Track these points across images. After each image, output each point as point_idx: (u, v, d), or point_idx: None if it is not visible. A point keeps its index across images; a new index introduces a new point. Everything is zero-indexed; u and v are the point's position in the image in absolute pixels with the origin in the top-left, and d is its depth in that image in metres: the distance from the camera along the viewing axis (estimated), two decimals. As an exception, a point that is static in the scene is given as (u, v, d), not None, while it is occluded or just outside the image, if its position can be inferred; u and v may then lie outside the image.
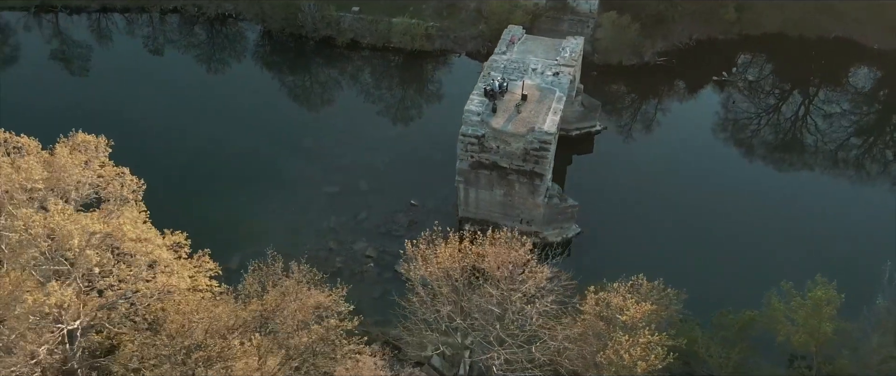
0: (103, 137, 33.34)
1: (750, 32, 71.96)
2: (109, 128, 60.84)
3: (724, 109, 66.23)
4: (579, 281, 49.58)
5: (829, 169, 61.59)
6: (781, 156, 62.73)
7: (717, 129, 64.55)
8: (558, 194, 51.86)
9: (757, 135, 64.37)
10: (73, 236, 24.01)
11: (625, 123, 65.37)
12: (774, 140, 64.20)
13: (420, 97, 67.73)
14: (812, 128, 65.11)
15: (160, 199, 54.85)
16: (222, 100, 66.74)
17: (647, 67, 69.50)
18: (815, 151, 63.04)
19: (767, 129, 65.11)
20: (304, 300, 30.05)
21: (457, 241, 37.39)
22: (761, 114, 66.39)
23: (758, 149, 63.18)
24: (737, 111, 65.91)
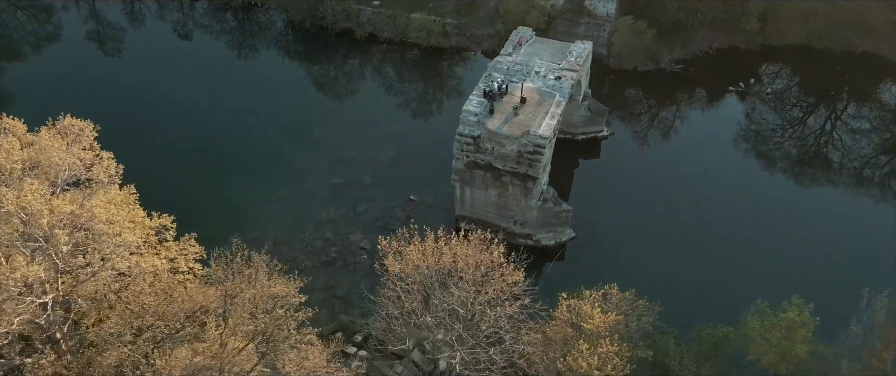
0: (89, 122, 34.91)
1: (773, 43, 70.44)
2: (132, 109, 64.89)
3: (742, 120, 64.94)
4: (569, 285, 50.32)
5: (847, 187, 60.06)
6: (797, 171, 61.50)
7: (731, 141, 63.26)
8: (553, 198, 52.02)
9: (774, 148, 63.02)
10: (43, 215, 25.58)
11: (635, 130, 64.91)
12: (790, 154, 62.87)
13: (432, 94, 68.39)
14: (837, 143, 63.40)
15: (171, 179, 57.84)
16: (242, 87, 68.50)
17: (663, 74, 68.75)
18: (835, 167, 61.52)
19: (785, 143, 63.71)
20: (262, 289, 31.06)
21: (432, 239, 38.12)
22: (780, 127, 64.99)
23: (773, 163, 61.99)
24: (758, 123, 64.51)
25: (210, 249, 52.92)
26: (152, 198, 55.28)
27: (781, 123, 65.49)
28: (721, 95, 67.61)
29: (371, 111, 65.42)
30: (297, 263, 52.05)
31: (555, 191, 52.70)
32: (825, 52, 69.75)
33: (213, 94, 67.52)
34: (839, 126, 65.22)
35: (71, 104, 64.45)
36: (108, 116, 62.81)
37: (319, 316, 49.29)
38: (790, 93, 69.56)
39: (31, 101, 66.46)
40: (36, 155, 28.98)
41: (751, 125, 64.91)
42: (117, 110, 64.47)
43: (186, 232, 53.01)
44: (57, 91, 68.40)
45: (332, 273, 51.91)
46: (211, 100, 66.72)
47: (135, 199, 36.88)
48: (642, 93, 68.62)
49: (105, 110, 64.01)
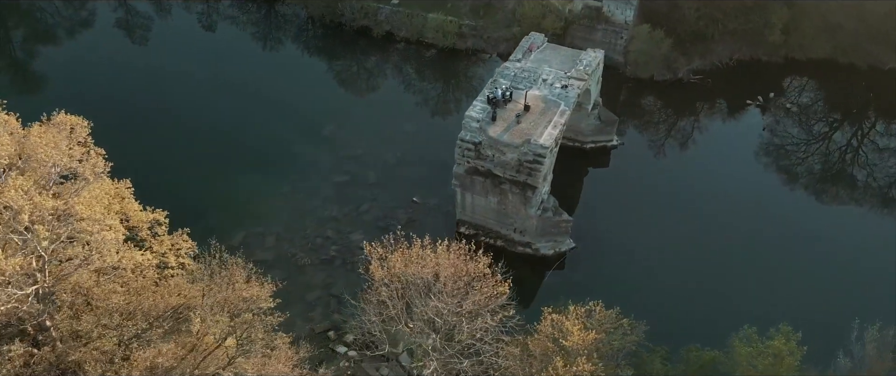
0: (82, 118, 35.77)
1: (796, 56, 68.74)
2: (150, 98, 66.19)
3: (760, 135, 63.33)
4: (561, 297, 49.99)
5: (871, 207, 58.26)
6: (817, 188, 60.04)
7: (748, 156, 61.73)
8: (553, 207, 51.68)
9: (793, 165, 61.44)
10: (24, 210, 26.40)
11: (647, 140, 63.98)
12: (810, 172, 61.28)
13: (445, 95, 68.35)
14: (862, 161, 61.80)
15: (181, 170, 58.98)
16: (260, 80, 69.08)
17: (680, 84, 67.61)
18: (859, 187, 59.86)
19: (805, 160, 62.13)
20: (236, 292, 31.46)
21: (418, 246, 38.23)
22: (800, 143, 63.29)
23: (790, 181, 60.51)
24: (777, 138, 62.95)
25: (212, 242, 54.62)
26: (160, 188, 56.50)
27: (802, 139, 63.79)
28: (739, 109, 66.21)
29: (383, 110, 65.68)
30: (296, 260, 53.12)
31: (555, 200, 52.33)
32: (850, 68, 67.88)
33: (230, 86, 68.35)
34: (866, 144, 63.32)
35: (90, 92, 67.25)
36: (123, 106, 65.27)
37: (314, 314, 50.31)
38: (813, 108, 67.83)
39: (51, 87, 68.54)
40: (25, 150, 29.83)
41: (769, 140, 63.37)
42: (134, 99, 66.08)
43: (192, 223, 54.75)
44: (79, 77, 70.20)
45: (331, 271, 52.32)
46: (228, 92, 67.59)
47: (130, 193, 37.61)
48: (658, 103, 67.57)
49: (122, 99, 66.25)
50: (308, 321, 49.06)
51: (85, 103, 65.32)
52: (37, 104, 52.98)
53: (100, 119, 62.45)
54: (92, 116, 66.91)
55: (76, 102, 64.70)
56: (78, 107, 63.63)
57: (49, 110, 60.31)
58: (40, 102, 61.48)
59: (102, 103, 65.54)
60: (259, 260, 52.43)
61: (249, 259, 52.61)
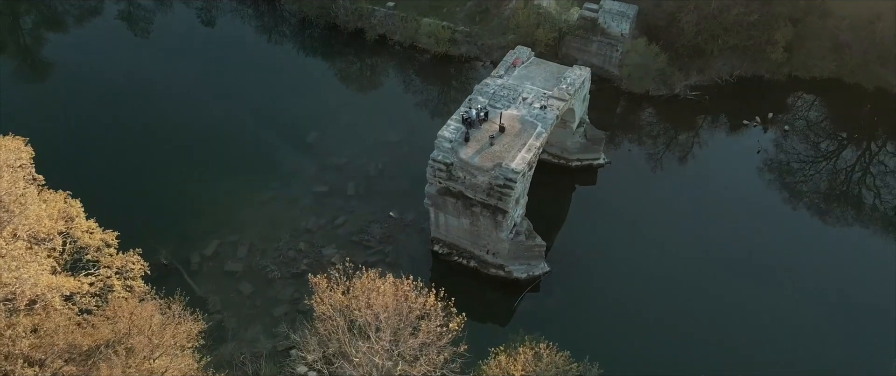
0: (22, 141, 35.65)
1: (800, 75, 66.08)
2: (135, 97, 66.09)
3: (756, 157, 60.73)
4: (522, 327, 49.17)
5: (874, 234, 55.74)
6: (817, 218, 57.01)
7: (741, 178, 59.10)
8: (527, 231, 50.50)
9: (791, 190, 58.76)
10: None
11: (637, 158, 61.93)
12: (809, 198, 58.34)
13: (431, 104, 67.13)
14: (869, 184, 59.07)
15: (160, 173, 58.90)
16: (249, 82, 68.47)
17: (676, 100, 65.49)
18: (865, 211, 57.33)
19: (804, 184, 59.45)
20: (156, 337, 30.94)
21: (368, 278, 37.53)
22: (800, 166, 60.53)
23: (788, 207, 57.58)
24: (775, 161, 60.52)
25: (188, 248, 54.51)
26: (140, 191, 57.32)
27: (802, 163, 61.02)
28: (736, 128, 63.91)
29: (370, 117, 64.75)
30: (267, 272, 52.86)
31: (529, 224, 51.14)
32: (856, 88, 65.04)
33: (220, 86, 67.96)
34: (874, 166, 60.48)
35: (73, 90, 67.20)
36: (108, 104, 65.34)
37: (279, 330, 49.93)
38: (815, 129, 65.06)
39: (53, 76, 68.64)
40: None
41: (766, 163, 60.70)
42: (120, 98, 65.91)
43: (169, 229, 55.08)
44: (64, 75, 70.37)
45: (300, 286, 51.74)
46: (218, 92, 67.22)
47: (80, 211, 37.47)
48: (652, 119, 65.57)
49: (106, 97, 66.15)
50: (272, 337, 48.79)
51: (67, 102, 66.27)
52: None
53: (82, 117, 64.01)
54: (74, 115, 67.02)
55: (55, 102, 65.82)
56: (57, 108, 64.96)
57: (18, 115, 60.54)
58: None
59: (85, 101, 66.02)
60: (229, 271, 53.11)
61: (220, 268, 53.72)
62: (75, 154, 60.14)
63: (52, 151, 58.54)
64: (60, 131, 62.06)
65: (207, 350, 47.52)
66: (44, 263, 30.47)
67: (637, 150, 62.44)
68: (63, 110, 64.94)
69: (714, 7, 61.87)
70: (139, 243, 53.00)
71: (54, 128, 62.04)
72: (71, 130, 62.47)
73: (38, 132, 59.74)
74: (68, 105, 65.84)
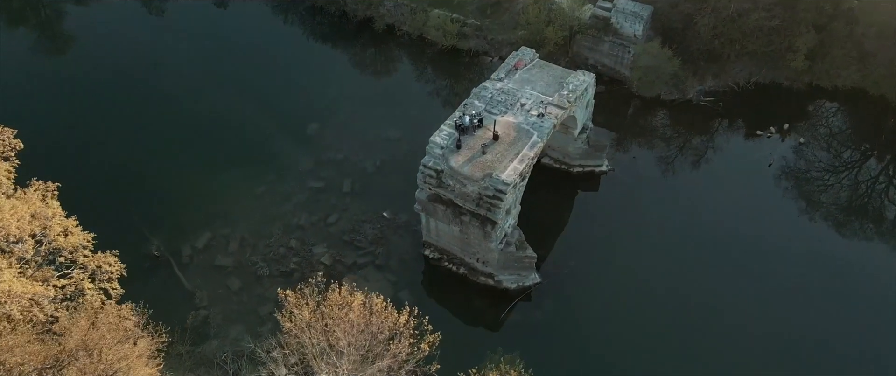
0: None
1: (821, 84, 63.02)
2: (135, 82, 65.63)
3: (771, 169, 58.17)
4: (513, 338, 48.25)
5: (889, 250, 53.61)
6: (832, 235, 54.62)
7: (752, 191, 56.62)
8: (517, 242, 49.30)
9: (805, 204, 56.36)
10: None
11: (643, 165, 59.68)
12: (825, 214, 56.01)
13: (436, 100, 65.62)
14: (893, 198, 56.54)
15: (157, 162, 58.72)
16: (254, 69, 67.64)
17: (689, 106, 63.12)
18: (886, 226, 55.15)
19: (820, 198, 56.89)
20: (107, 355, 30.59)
21: (338, 296, 36.86)
22: (816, 180, 58.00)
23: (799, 223, 55.15)
24: (792, 173, 58.01)
25: (181, 240, 54.42)
26: (135, 179, 57.22)
27: (818, 177, 58.28)
28: (750, 138, 61.36)
29: (371, 111, 63.65)
30: (256, 269, 52.60)
31: (521, 234, 49.88)
32: (880, 100, 61.82)
33: (225, 70, 67.26)
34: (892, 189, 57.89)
35: (74, 72, 66.70)
36: (107, 89, 64.85)
37: (263, 329, 49.69)
38: (834, 140, 62.17)
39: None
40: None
41: (779, 177, 58.01)
42: (119, 82, 65.35)
43: (163, 219, 55.03)
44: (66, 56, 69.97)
45: (288, 284, 50.85)
46: (220, 78, 66.55)
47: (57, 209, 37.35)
48: (662, 124, 63.27)
49: (107, 81, 65.52)
50: (255, 337, 48.56)
51: (67, 83, 65.77)
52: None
53: (82, 101, 63.68)
54: (74, 98, 66.27)
55: (55, 83, 65.48)
56: (56, 89, 64.68)
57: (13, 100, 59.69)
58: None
59: (85, 84, 65.55)
60: (219, 265, 52.98)
61: (211, 262, 53.54)
62: (72, 139, 60.08)
63: (49, 136, 59.13)
64: (58, 115, 62.02)
65: (191, 345, 48.12)
66: (4, 270, 30.25)
67: (643, 158, 60.33)
68: (62, 93, 64.55)
69: (733, 10, 59.05)
70: (133, 232, 54.04)
71: (52, 112, 62.16)
72: (69, 114, 62.25)
73: (35, 115, 60.81)
74: (68, 87, 65.28)
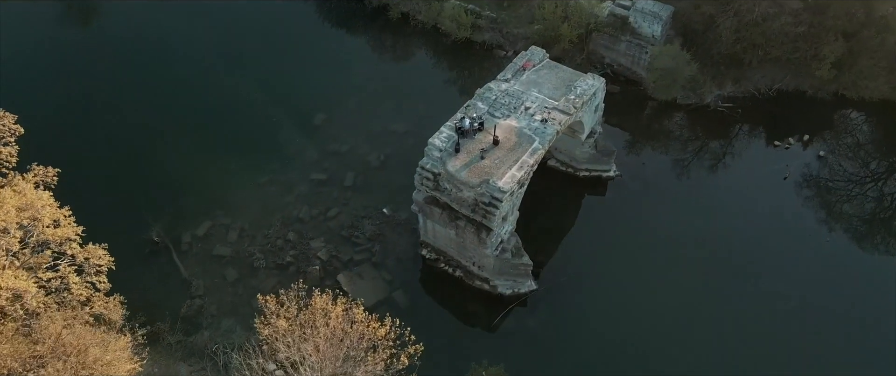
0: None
1: (848, 94, 60.33)
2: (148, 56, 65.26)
3: (786, 183, 56.13)
4: (503, 346, 47.63)
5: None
6: (851, 254, 52.48)
7: (766, 205, 54.50)
8: (514, 248, 48.42)
9: (818, 221, 54.15)
10: None
11: (654, 172, 57.70)
12: (844, 231, 53.88)
13: (446, 94, 64.28)
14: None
15: (161, 145, 58.72)
16: (265, 54, 66.85)
17: (706, 111, 61.04)
18: None
19: (840, 215, 54.75)
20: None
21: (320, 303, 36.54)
22: (836, 194, 55.81)
23: (810, 242, 52.94)
24: (812, 189, 55.84)
25: (181, 226, 54.62)
26: (139, 163, 57.41)
27: (838, 191, 56.07)
28: (765, 149, 59.22)
29: (379, 102, 62.80)
30: (253, 260, 52.58)
31: (518, 241, 48.94)
32: (911, 115, 59.19)
33: (235, 54, 66.55)
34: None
35: (79, 50, 66.19)
36: (116, 69, 64.55)
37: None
38: (862, 151, 59.39)
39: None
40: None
41: (795, 191, 55.91)
42: (127, 63, 64.84)
43: (164, 205, 55.23)
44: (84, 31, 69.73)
45: (283, 278, 51.31)
46: (231, 60, 65.97)
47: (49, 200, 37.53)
48: (676, 128, 61.36)
49: (115, 61, 65.08)
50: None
51: (74, 63, 65.43)
52: None
53: (89, 81, 63.41)
54: (81, 77, 65.32)
55: (62, 61, 65.27)
56: (64, 67, 64.44)
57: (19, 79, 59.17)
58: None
59: (92, 63, 65.00)
60: (217, 254, 53.11)
61: (209, 251, 53.68)
62: (79, 121, 60.00)
63: (55, 117, 59.41)
64: (67, 96, 61.92)
65: (183, 334, 48.51)
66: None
67: (653, 164, 58.57)
68: (70, 74, 64.08)
69: (757, 14, 56.61)
70: (135, 216, 54.36)
71: (58, 91, 61.98)
72: (78, 95, 62.17)
73: (41, 97, 60.79)
74: (76, 68, 64.72)
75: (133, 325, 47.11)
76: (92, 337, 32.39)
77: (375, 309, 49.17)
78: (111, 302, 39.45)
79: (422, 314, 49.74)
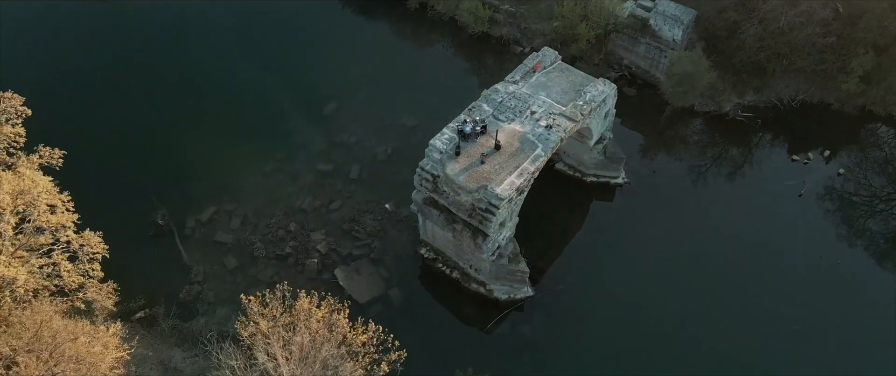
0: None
1: (875, 110, 57.91)
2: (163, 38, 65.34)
3: (798, 199, 54.79)
4: (492, 354, 47.26)
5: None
6: (866, 272, 50.85)
7: (780, 221, 52.86)
8: (511, 254, 47.82)
9: (832, 241, 52.41)
10: None
11: (661, 182, 56.25)
12: (862, 251, 52.16)
13: (458, 89, 63.32)
14: None
15: (171, 129, 58.98)
16: (279, 39, 66.65)
17: (724, 120, 59.25)
18: None
19: (858, 234, 53.04)
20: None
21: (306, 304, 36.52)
22: (855, 214, 53.94)
23: (821, 263, 51.26)
24: (829, 206, 54.19)
25: (186, 210, 55.06)
26: (148, 145, 57.82)
27: (871, 201, 54.37)
28: (783, 163, 57.31)
29: (391, 94, 62.25)
30: (253, 249, 52.86)
31: (516, 246, 48.32)
32: (940, 135, 56.66)
33: (249, 39, 66.52)
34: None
35: (91, 33, 66.12)
36: (127, 50, 64.63)
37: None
38: (891, 166, 57.04)
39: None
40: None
41: (809, 209, 54.11)
42: (142, 45, 64.90)
43: (171, 188, 55.68)
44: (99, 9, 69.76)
45: (281, 269, 51.73)
46: (245, 46, 65.99)
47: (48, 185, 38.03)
48: (692, 136, 59.69)
49: (129, 42, 65.25)
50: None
51: (88, 42, 65.45)
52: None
53: (101, 60, 63.39)
54: (94, 56, 64.80)
55: (76, 41, 65.25)
56: (77, 47, 64.40)
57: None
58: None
59: (105, 47, 65.12)
60: (219, 241, 53.51)
61: (211, 237, 54.05)
62: (90, 101, 60.49)
63: (67, 97, 59.96)
64: (77, 73, 62.27)
65: (180, 319, 49.11)
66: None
67: (664, 172, 57.12)
68: (82, 53, 64.42)
69: (783, 23, 54.40)
70: (142, 198, 54.93)
71: (71, 73, 62.39)
72: (89, 74, 62.63)
73: (49, 77, 61.12)
74: (88, 48, 65.05)
75: (130, 307, 48.08)
76: (73, 331, 32.72)
77: (370, 305, 49.82)
78: (104, 289, 39.91)
79: (415, 314, 49.63)
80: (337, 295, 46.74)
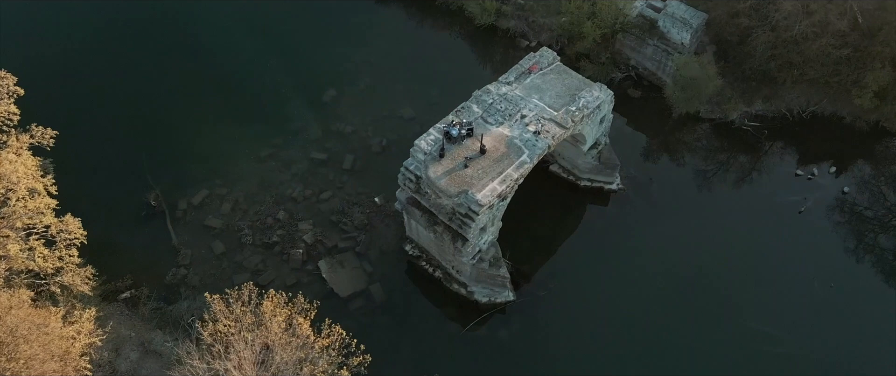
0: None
1: (889, 127, 55.53)
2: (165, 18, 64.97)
3: (798, 215, 53.12)
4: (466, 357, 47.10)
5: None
6: (867, 296, 49.55)
7: (770, 238, 51.46)
8: (491, 259, 47.37)
9: (832, 263, 50.85)
10: None
11: (658, 189, 54.95)
12: (866, 272, 50.85)
13: (460, 82, 61.92)
14: None
15: (167, 110, 59.06)
16: (281, 22, 65.45)
17: (729, 128, 57.40)
18: None
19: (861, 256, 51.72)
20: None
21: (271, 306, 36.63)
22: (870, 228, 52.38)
23: (819, 290, 49.75)
24: (829, 225, 52.66)
25: (179, 192, 55.47)
26: (142, 126, 58.17)
27: (859, 232, 52.51)
28: (786, 176, 55.45)
29: (391, 84, 61.53)
30: (241, 236, 53.19)
31: (497, 251, 47.83)
32: (956, 158, 54.14)
33: (253, 20, 65.60)
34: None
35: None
36: (127, 30, 64.11)
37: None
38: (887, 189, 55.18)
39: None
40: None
41: (808, 227, 52.50)
42: (141, 24, 64.15)
43: (164, 170, 56.07)
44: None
45: (266, 258, 52.03)
46: (248, 27, 65.26)
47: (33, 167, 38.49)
48: (695, 143, 57.90)
49: (130, 22, 64.43)
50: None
51: (89, 19, 65.08)
52: None
53: (98, 42, 62.86)
54: (94, 34, 64.40)
55: (76, 18, 64.78)
56: (77, 24, 63.96)
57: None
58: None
59: (102, 26, 64.49)
60: (208, 225, 53.91)
61: (201, 221, 54.45)
62: (87, 79, 60.44)
63: (63, 76, 60.07)
64: (75, 51, 62.25)
65: (164, 302, 49.84)
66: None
67: (662, 180, 55.73)
68: (77, 31, 63.90)
69: (797, 32, 52.17)
70: (136, 177, 55.50)
71: (69, 49, 62.34)
72: (87, 50, 62.46)
73: (44, 55, 60.79)
74: (84, 26, 64.46)
75: (116, 286, 48.85)
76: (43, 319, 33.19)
77: (351, 300, 49.89)
78: (82, 274, 40.50)
79: (395, 311, 49.65)
80: (312, 292, 47.23)
